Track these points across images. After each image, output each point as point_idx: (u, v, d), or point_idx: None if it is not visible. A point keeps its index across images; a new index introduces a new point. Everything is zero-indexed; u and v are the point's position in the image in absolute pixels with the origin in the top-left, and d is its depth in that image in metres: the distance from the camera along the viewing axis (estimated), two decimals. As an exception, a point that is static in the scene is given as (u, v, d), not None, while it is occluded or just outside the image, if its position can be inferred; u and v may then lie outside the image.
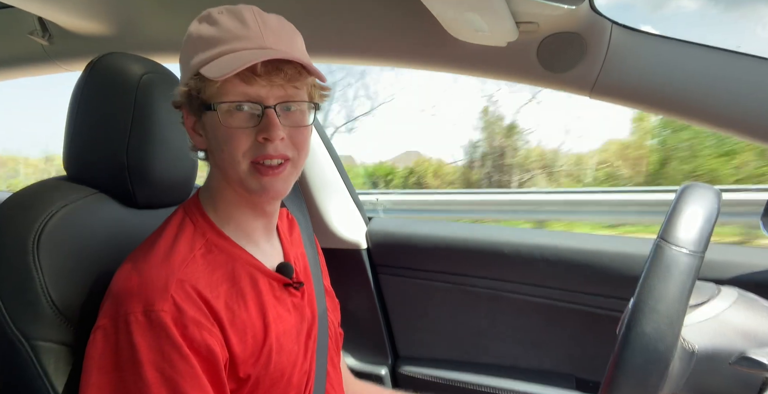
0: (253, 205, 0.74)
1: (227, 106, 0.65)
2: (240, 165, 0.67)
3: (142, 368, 0.59)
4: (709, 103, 0.95)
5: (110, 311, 0.63)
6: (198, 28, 0.68)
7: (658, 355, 0.55)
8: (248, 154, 0.67)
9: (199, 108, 0.68)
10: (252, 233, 0.76)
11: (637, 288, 0.58)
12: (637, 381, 0.55)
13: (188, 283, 0.64)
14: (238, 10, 0.68)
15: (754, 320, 0.64)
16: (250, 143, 0.67)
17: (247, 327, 0.68)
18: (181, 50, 0.71)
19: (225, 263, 0.70)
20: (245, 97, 0.66)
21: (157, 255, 0.66)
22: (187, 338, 0.61)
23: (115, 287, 0.65)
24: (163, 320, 0.61)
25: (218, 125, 0.66)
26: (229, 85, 0.65)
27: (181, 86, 0.69)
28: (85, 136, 0.80)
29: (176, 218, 0.73)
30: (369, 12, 1.09)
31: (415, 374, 1.48)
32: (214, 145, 0.69)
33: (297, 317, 0.77)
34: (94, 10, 1.22)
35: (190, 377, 0.61)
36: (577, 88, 1.03)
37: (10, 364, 0.67)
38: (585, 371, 1.35)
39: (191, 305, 0.63)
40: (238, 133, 0.66)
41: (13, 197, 0.75)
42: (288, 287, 0.77)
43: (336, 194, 1.56)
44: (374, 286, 1.53)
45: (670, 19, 9.35)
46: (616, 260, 1.26)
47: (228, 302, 0.67)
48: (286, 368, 0.72)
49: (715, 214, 0.60)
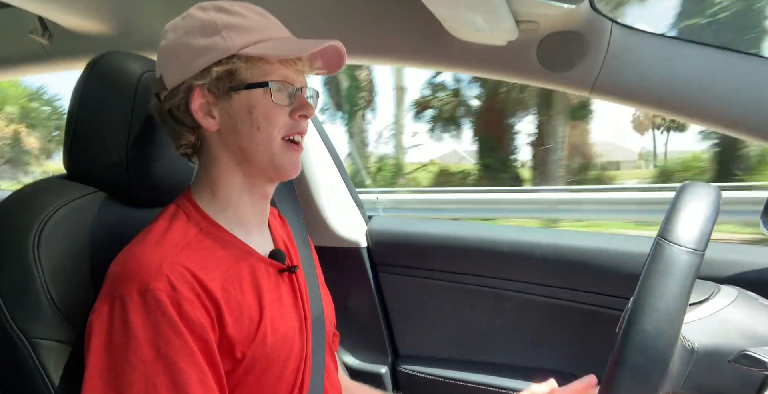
0: (256, 189, 0.76)
1: (277, 85, 0.71)
2: (275, 141, 0.72)
3: (138, 346, 0.60)
4: (710, 102, 0.95)
5: (105, 294, 0.64)
6: (217, 16, 0.70)
7: (658, 353, 0.55)
8: (282, 130, 0.73)
9: (228, 88, 0.70)
10: (247, 221, 0.77)
11: (637, 286, 0.58)
12: (637, 379, 0.55)
13: (182, 265, 0.65)
14: (246, 4, 0.73)
15: (754, 319, 0.64)
16: (285, 120, 0.72)
17: (243, 308, 0.69)
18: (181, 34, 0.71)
19: (219, 249, 0.71)
20: (284, 79, 0.72)
21: (150, 242, 0.67)
22: (182, 316, 0.62)
23: (110, 272, 0.67)
24: (159, 298, 0.61)
25: (257, 103, 0.70)
26: (272, 67, 0.71)
27: (217, 67, 0.69)
28: (85, 135, 0.80)
29: (168, 211, 0.74)
30: (368, 11, 1.09)
31: (415, 373, 1.48)
32: (242, 124, 0.71)
33: (292, 302, 0.78)
34: (95, 9, 1.22)
35: (186, 355, 0.61)
36: (577, 88, 1.03)
37: (10, 362, 0.67)
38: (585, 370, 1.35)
39: (185, 285, 0.64)
40: (279, 111, 0.72)
41: (13, 195, 0.75)
42: (282, 273, 0.78)
43: (336, 193, 1.56)
44: (374, 284, 1.53)
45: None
46: (617, 259, 1.26)
47: (224, 284, 0.68)
48: (282, 350, 0.73)
49: (715, 212, 0.60)
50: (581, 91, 1.03)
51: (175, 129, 0.74)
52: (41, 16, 1.29)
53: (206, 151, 0.75)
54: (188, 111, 0.71)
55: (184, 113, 0.72)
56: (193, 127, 0.72)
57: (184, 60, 0.70)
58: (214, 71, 0.69)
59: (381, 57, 1.16)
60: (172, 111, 0.72)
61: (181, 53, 0.71)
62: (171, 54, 0.72)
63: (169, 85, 0.72)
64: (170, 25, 0.74)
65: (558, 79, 1.03)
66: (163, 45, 0.73)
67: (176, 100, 0.71)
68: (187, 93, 0.71)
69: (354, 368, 1.54)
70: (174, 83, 0.71)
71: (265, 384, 0.71)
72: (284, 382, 0.73)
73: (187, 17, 0.72)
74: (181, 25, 0.72)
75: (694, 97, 0.96)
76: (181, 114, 0.72)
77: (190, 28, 0.71)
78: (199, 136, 0.74)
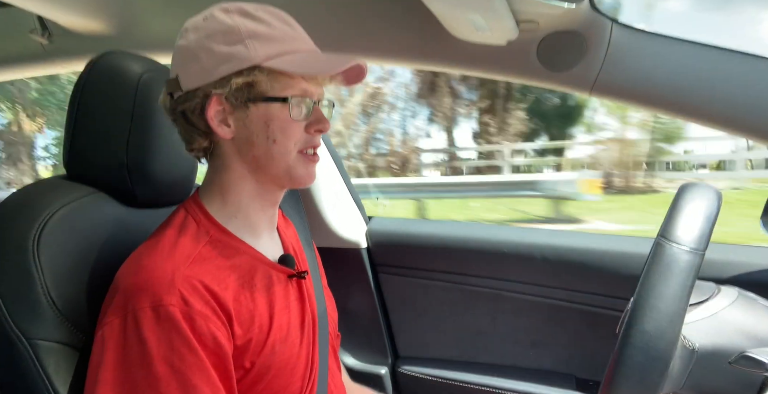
0: (267, 196, 0.76)
1: (296, 100, 0.70)
2: (291, 154, 0.72)
3: (152, 363, 0.59)
4: (710, 101, 0.95)
5: (117, 308, 0.63)
6: (241, 22, 0.68)
7: (658, 353, 0.55)
8: (298, 144, 0.72)
9: (246, 99, 0.69)
10: (257, 226, 0.76)
11: (638, 286, 0.58)
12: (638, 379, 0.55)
13: (194, 277, 0.64)
14: (271, 10, 0.71)
15: (754, 319, 0.64)
16: (301, 134, 0.72)
17: (254, 317, 0.69)
18: (204, 36, 0.69)
19: (230, 257, 0.71)
20: (303, 93, 0.71)
21: (161, 252, 0.66)
22: (195, 331, 0.62)
23: (121, 284, 0.65)
24: (172, 314, 0.61)
25: (275, 117, 0.69)
26: (293, 81, 0.70)
27: (237, 78, 0.67)
28: (85, 135, 0.80)
29: (178, 218, 0.73)
30: (369, 10, 1.09)
31: (415, 374, 1.48)
32: (258, 136, 0.70)
33: (301, 308, 0.77)
34: (94, 8, 1.22)
35: (200, 370, 0.61)
36: (578, 87, 1.03)
37: (10, 363, 0.67)
38: (585, 371, 1.35)
39: (198, 299, 0.63)
40: (295, 126, 0.71)
41: (13, 195, 0.75)
42: (292, 279, 0.77)
43: (336, 194, 1.56)
44: (374, 285, 1.53)
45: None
46: (616, 260, 1.26)
47: (236, 294, 0.68)
48: (290, 358, 0.72)
49: (715, 213, 0.60)
50: (581, 90, 1.03)
51: (187, 131, 0.72)
52: (41, 15, 1.28)
53: (218, 157, 0.74)
54: (203, 117, 0.70)
55: (198, 118, 0.70)
56: (206, 132, 0.71)
57: (204, 65, 0.68)
58: (234, 82, 0.68)
59: (380, 56, 1.16)
60: (185, 113, 0.71)
61: (201, 57, 0.68)
62: (190, 56, 0.69)
63: (185, 88, 0.70)
64: (191, 25, 0.71)
65: (558, 78, 1.03)
66: (182, 44, 0.71)
67: (191, 104, 0.70)
68: (204, 99, 0.69)
69: (354, 370, 1.53)
70: (191, 86, 0.69)
71: (273, 391, 0.71)
72: (292, 388, 0.73)
73: (209, 19, 0.70)
74: (202, 27, 0.69)
75: (694, 96, 0.96)
76: (195, 118, 0.70)
77: (212, 32, 0.68)
78: (212, 141, 0.73)
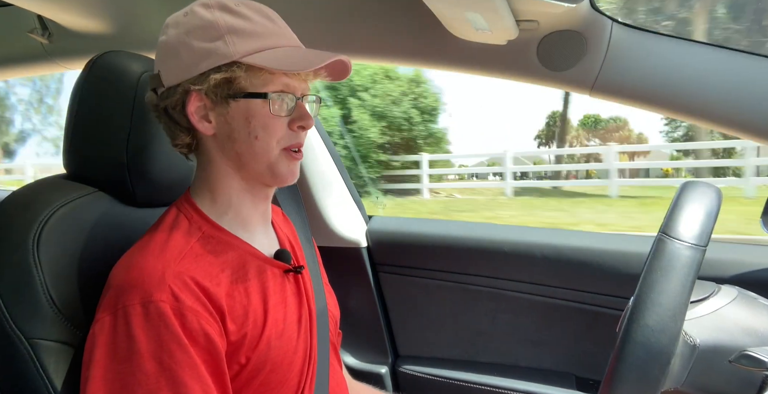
0: (256, 192, 0.75)
1: (277, 96, 0.69)
2: (273, 151, 0.71)
3: (141, 359, 0.59)
4: (710, 101, 0.95)
5: (108, 305, 0.63)
6: (221, 17, 0.68)
7: (660, 348, 0.55)
8: (282, 141, 0.71)
9: (226, 95, 0.68)
10: (249, 222, 0.76)
11: (639, 282, 0.58)
12: (639, 375, 0.55)
13: (186, 274, 0.64)
14: (253, 4, 0.71)
15: (754, 318, 0.64)
16: (284, 131, 0.71)
17: (248, 312, 0.68)
18: (183, 32, 0.69)
19: (223, 252, 0.70)
20: (285, 88, 0.70)
21: (153, 249, 0.67)
22: (185, 327, 0.61)
23: (113, 282, 0.65)
24: (162, 310, 0.61)
25: (256, 113, 0.69)
26: (273, 76, 0.69)
27: (216, 74, 0.67)
28: (85, 134, 0.80)
29: (170, 216, 0.73)
30: (369, 10, 1.09)
31: (415, 373, 1.48)
32: (240, 132, 0.70)
33: (297, 303, 0.77)
34: (94, 8, 1.22)
35: (189, 367, 0.61)
36: (578, 87, 1.03)
37: (10, 362, 0.67)
38: (585, 370, 1.35)
39: (189, 295, 0.63)
40: (277, 122, 0.70)
41: (13, 195, 0.75)
42: (288, 274, 0.77)
43: (336, 193, 1.56)
44: (374, 284, 1.53)
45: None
46: (617, 259, 1.26)
47: (229, 289, 0.68)
48: (287, 353, 0.72)
49: (715, 210, 0.60)
50: (581, 90, 1.03)
51: (169, 127, 0.72)
52: (41, 15, 1.28)
53: (203, 153, 0.74)
54: (184, 112, 0.70)
55: (179, 114, 0.70)
56: (188, 128, 0.71)
57: (184, 61, 0.69)
58: (213, 78, 0.67)
59: (380, 56, 1.16)
60: (168, 110, 0.71)
61: (181, 53, 0.69)
62: (171, 52, 0.70)
63: (167, 84, 0.70)
64: (171, 20, 0.72)
65: (558, 78, 1.03)
66: (163, 40, 0.71)
67: (173, 100, 0.70)
68: (184, 95, 0.69)
69: (354, 369, 1.53)
70: (171, 82, 0.70)
71: (270, 386, 0.71)
72: (289, 383, 0.73)
73: (189, 14, 0.70)
74: (183, 23, 0.69)
75: (694, 96, 0.96)
76: (177, 114, 0.70)
77: (192, 27, 0.68)
78: (195, 137, 0.73)
